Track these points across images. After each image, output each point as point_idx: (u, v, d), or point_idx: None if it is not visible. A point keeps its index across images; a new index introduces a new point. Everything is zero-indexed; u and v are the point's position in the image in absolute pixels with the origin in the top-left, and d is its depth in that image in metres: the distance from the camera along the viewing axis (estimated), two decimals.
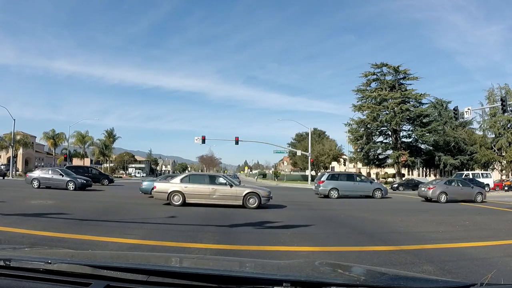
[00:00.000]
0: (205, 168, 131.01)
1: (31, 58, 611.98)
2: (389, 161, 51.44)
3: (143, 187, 19.04)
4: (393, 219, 11.96)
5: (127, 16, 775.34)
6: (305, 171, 73.46)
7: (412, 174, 60.43)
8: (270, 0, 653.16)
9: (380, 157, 52.51)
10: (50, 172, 23.54)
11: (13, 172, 46.04)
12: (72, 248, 5.57)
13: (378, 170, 66.44)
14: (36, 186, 22.45)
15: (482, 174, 38.89)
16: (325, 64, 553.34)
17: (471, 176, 36.87)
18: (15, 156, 49.99)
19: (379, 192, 22.33)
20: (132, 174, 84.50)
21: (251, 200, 14.10)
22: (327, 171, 29.06)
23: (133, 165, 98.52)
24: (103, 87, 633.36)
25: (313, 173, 58.08)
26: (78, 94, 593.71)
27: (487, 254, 6.64)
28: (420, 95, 47.69)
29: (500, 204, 20.06)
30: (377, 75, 49.38)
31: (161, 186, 14.74)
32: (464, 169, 46.20)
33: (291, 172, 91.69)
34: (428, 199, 20.77)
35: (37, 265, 1.59)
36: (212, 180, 14.81)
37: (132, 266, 1.69)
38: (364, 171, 75.15)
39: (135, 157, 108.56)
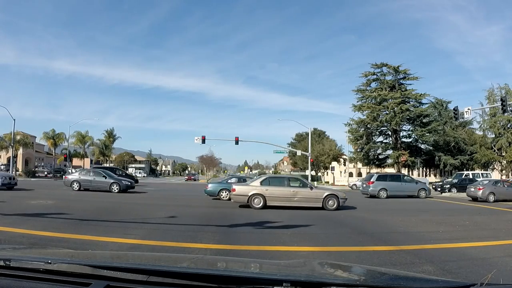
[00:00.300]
0: (205, 168, 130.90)
1: (31, 58, 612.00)
2: (389, 161, 51.47)
3: (209, 189, 19.34)
4: (393, 219, 11.96)
5: (127, 16, 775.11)
6: (305, 171, 73.45)
7: (412, 174, 60.33)
8: (270, 0, 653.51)
9: (380, 157, 52.55)
10: (91, 173, 22.46)
11: (13, 172, 46.07)
12: (72, 248, 5.57)
13: (378, 170, 66.41)
14: (76, 189, 21.33)
15: (482, 174, 38.84)
16: (325, 64, 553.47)
17: (471, 176, 36.85)
18: (15, 156, 50.00)
19: (424, 192, 22.90)
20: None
21: (330, 202, 14.22)
22: (376, 172, 29.91)
23: (133, 165, 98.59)
24: (103, 87, 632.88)
25: (313, 173, 58.10)
26: (78, 94, 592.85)
27: (487, 254, 6.64)
28: (420, 95, 47.70)
29: (500, 204, 20.07)
30: (377, 75, 49.40)
31: (241, 189, 14.56)
32: (464, 169, 46.21)
33: (291, 172, 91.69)
34: (476, 199, 21.43)
35: (37, 265, 1.59)
36: (291, 182, 14.94)
37: (132, 266, 1.69)
38: (364, 171, 75.15)
39: (135, 157, 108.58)
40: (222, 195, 17.98)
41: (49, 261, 1.59)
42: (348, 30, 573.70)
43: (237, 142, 41.49)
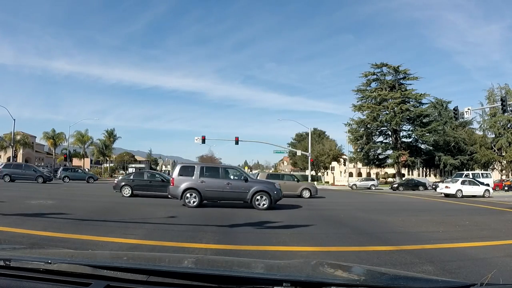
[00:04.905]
0: None
1: (29, 58, 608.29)
2: (389, 161, 51.53)
3: None
4: (393, 219, 11.96)
5: (125, 16, 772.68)
6: (305, 171, 73.52)
7: (412, 174, 60.44)
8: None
9: (380, 157, 52.61)
10: None
11: None
12: (72, 248, 5.57)
13: (378, 170, 66.43)
14: None
15: (482, 174, 38.88)
16: (324, 64, 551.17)
17: (471, 176, 36.86)
18: (15, 156, 49.97)
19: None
20: None
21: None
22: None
23: (133, 165, 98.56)
24: (102, 87, 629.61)
25: (313, 173, 58.12)
26: (76, 94, 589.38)
27: (487, 254, 6.64)
28: (420, 95, 47.76)
29: (500, 204, 20.08)
30: (377, 75, 49.47)
31: None
32: (464, 169, 46.23)
33: (291, 172, 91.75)
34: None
35: (37, 265, 1.59)
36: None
37: (132, 266, 1.69)
38: (364, 171, 75.19)
39: (135, 157, 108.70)
40: None
41: (49, 261, 1.59)
42: (346, 29, 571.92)
43: (237, 142, 41.54)
